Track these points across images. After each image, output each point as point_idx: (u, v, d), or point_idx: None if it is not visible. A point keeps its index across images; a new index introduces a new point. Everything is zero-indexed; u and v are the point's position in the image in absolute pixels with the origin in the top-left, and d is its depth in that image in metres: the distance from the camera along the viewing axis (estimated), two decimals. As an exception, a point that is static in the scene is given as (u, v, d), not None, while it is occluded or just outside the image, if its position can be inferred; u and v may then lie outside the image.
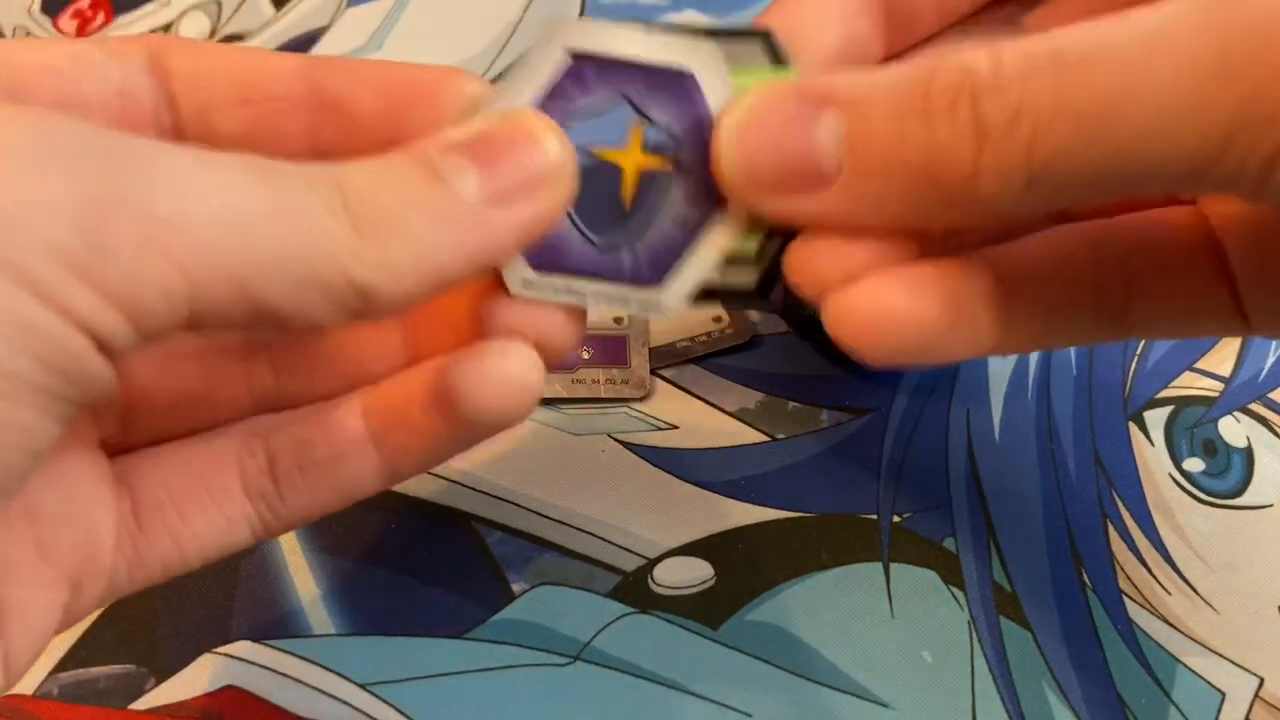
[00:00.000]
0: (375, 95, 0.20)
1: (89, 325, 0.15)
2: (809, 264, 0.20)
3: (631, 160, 0.20)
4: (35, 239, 0.14)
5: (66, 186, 0.14)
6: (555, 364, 0.20)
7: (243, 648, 0.29)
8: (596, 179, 0.20)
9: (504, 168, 0.18)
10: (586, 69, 0.20)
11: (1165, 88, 0.16)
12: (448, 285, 0.18)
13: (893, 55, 0.24)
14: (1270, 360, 0.36)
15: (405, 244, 0.17)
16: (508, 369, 0.19)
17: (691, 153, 0.20)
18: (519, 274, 0.20)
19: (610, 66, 0.20)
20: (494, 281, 0.20)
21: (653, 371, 0.35)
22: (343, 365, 0.22)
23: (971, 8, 0.23)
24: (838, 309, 0.19)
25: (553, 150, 0.19)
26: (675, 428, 0.34)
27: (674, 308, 0.21)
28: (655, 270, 0.21)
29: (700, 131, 0.20)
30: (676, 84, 0.20)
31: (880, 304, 0.19)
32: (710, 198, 0.20)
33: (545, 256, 0.20)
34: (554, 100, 0.20)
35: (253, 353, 0.22)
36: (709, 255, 0.21)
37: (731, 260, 0.20)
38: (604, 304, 0.20)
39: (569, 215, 0.20)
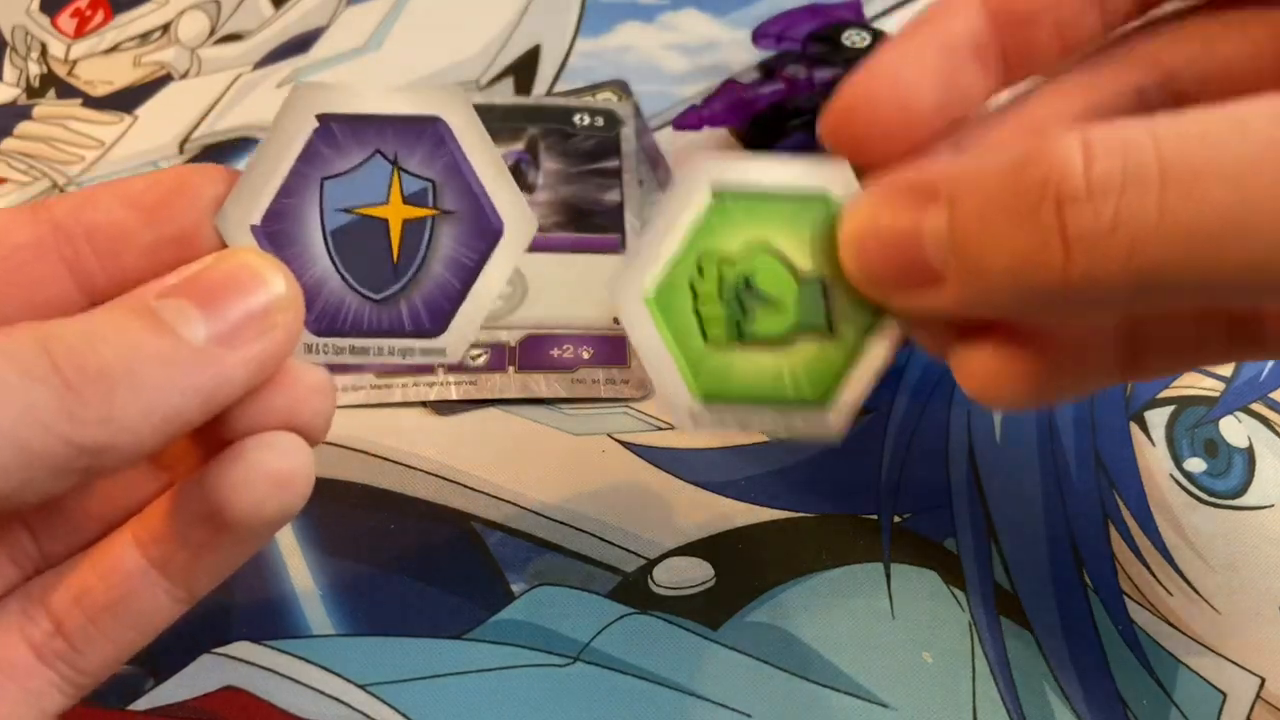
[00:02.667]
0: (125, 209, 0.19)
1: None
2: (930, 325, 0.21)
3: (395, 212, 0.21)
4: None
5: None
6: (318, 442, 0.20)
7: (242, 648, 0.29)
8: (365, 236, 0.20)
9: (229, 307, 0.18)
10: (335, 129, 0.20)
11: None
12: (187, 428, 0.17)
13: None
14: (1271, 360, 0.36)
15: (133, 395, 0.16)
16: (271, 463, 0.18)
17: (452, 195, 0.21)
18: (298, 340, 0.20)
19: (360, 123, 0.20)
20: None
21: (653, 371, 0.35)
22: (99, 506, 0.21)
23: (1092, 36, 0.22)
24: (964, 370, 0.20)
25: (277, 285, 0.19)
26: (675, 428, 0.34)
27: (456, 353, 0.21)
28: (434, 318, 0.21)
29: (457, 173, 0.21)
30: (427, 131, 0.20)
31: (997, 367, 0.20)
32: (480, 234, 0.21)
33: (324, 321, 0.20)
34: (309, 165, 0.20)
35: (3, 524, 0.21)
36: (485, 295, 0.21)
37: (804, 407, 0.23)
38: (389, 358, 0.21)
39: (343, 276, 0.20)
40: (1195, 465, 0.33)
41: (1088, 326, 0.20)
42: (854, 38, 0.40)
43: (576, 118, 0.42)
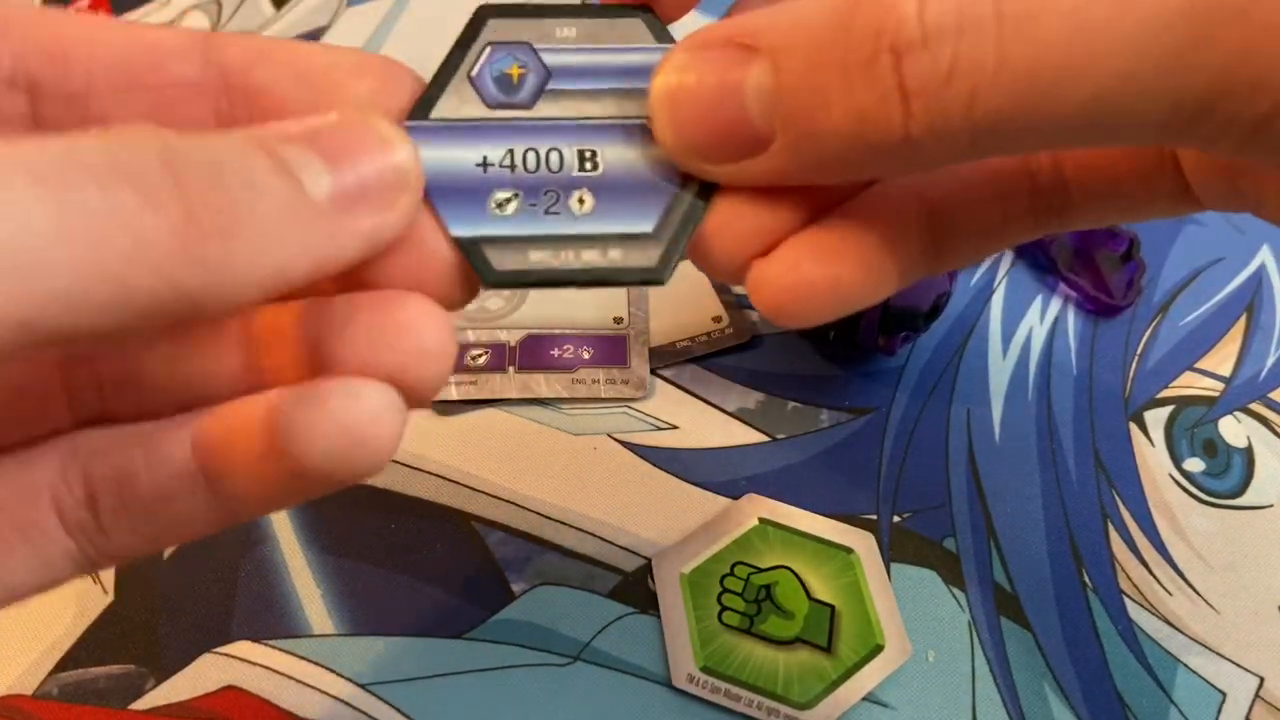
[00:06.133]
0: (295, 82, 0.18)
1: None
2: (725, 238, 0.18)
3: None
4: None
5: None
6: (422, 404, 0.17)
7: (243, 648, 0.29)
8: None
9: (355, 169, 0.16)
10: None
11: (1130, 49, 0.14)
12: (286, 289, 0.16)
13: None
14: (1271, 360, 0.36)
15: (250, 240, 0.15)
16: (349, 416, 0.16)
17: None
18: (408, 224, 0.17)
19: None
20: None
21: (653, 371, 0.35)
22: (175, 387, 0.19)
23: None
24: (756, 283, 0.18)
25: (402, 155, 0.17)
26: (675, 428, 0.34)
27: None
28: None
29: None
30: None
31: (796, 276, 0.18)
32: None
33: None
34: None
35: (74, 366, 0.19)
36: None
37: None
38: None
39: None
40: (1194, 465, 0.33)
41: (894, 220, 0.19)
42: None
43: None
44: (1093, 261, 0.37)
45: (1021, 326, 0.37)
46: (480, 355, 0.35)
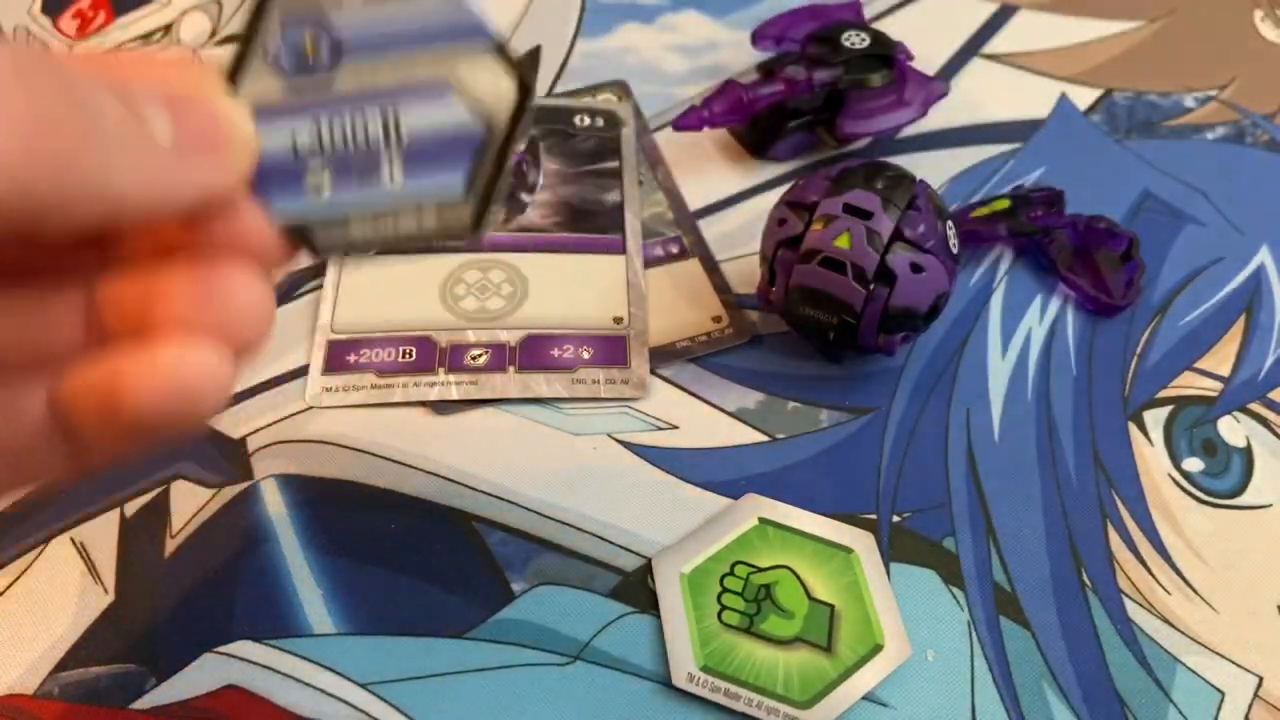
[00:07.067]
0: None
1: None
2: None
3: None
4: None
5: None
6: (249, 356, 0.19)
7: (243, 647, 0.29)
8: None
9: (196, 123, 0.17)
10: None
11: None
12: (121, 219, 0.16)
13: None
14: (1270, 360, 0.36)
15: (95, 157, 0.15)
16: (180, 372, 0.17)
17: None
18: (238, 189, 0.18)
19: None
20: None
21: (653, 371, 0.35)
22: (21, 348, 0.19)
23: None
24: None
25: (238, 118, 0.18)
26: (675, 428, 0.34)
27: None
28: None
29: None
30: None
31: None
32: None
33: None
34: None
35: None
36: None
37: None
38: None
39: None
40: (1193, 465, 0.34)
41: None
42: (853, 39, 0.41)
43: (577, 118, 0.42)
44: (1092, 261, 0.37)
45: (1021, 326, 0.37)
46: (480, 355, 0.35)
